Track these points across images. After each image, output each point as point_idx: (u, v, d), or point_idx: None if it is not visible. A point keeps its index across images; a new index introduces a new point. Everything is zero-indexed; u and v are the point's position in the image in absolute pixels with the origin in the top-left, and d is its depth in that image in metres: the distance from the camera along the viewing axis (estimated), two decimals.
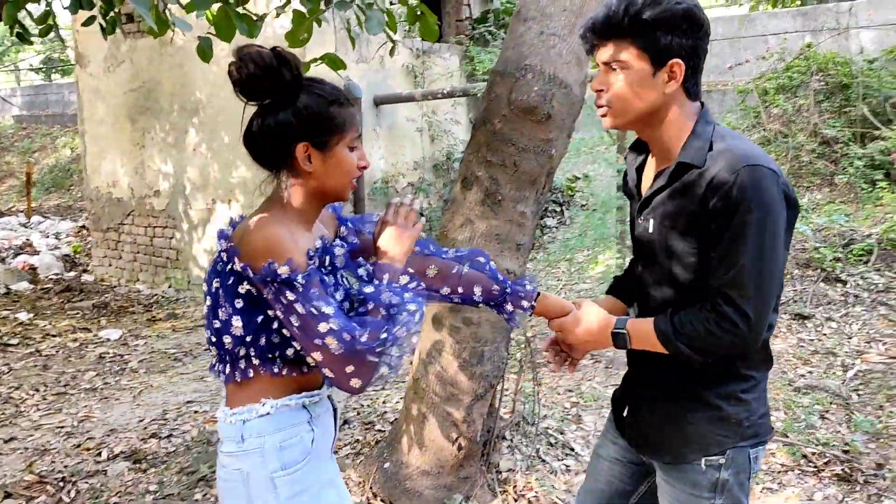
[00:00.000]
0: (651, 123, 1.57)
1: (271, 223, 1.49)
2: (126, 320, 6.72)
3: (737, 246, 1.43)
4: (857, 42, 7.84)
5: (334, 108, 1.54)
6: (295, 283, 1.41)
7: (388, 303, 1.49)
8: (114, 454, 3.79)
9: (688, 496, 1.62)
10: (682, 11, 1.47)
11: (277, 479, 1.53)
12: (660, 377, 1.66)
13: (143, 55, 7.52)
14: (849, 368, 4.49)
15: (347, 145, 1.57)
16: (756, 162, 1.44)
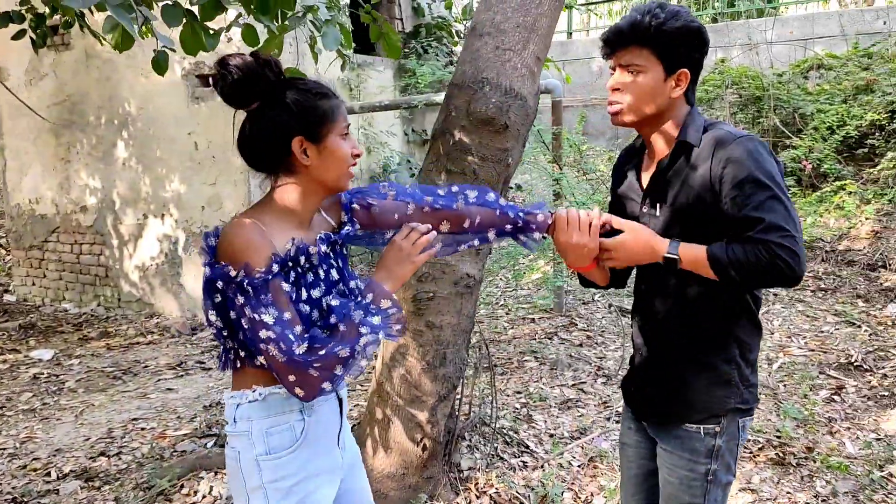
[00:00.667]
0: (655, 123, 1.78)
1: (243, 225, 1.53)
2: (56, 340, 6.50)
3: (760, 199, 1.57)
4: (767, 57, 8.33)
5: (322, 101, 1.60)
6: (245, 286, 1.47)
7: (354, 320, 1.53)
8: (63, 473, 3.71)
9: (686, 461, 1.80)
10: (697, 28, 1.71)
11: (262, 461, 1.61)
12: (664, 348, 1.84)
13: (67, 68, 7.32)
14: (773, 362, 4.79)
15: (339, 134, 1.62)
16: (751, 135, 1.66)
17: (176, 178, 6.81)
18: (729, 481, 1.84)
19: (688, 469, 1.81)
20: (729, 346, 1.76)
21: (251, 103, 1.59)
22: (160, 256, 7.05)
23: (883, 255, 5.88)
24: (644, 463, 2.00)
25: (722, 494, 1.84)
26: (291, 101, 1.57)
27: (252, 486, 1.62)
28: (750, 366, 1.80)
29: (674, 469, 1.83)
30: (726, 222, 1.64)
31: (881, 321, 5.22)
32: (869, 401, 4.18)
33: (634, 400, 1.97)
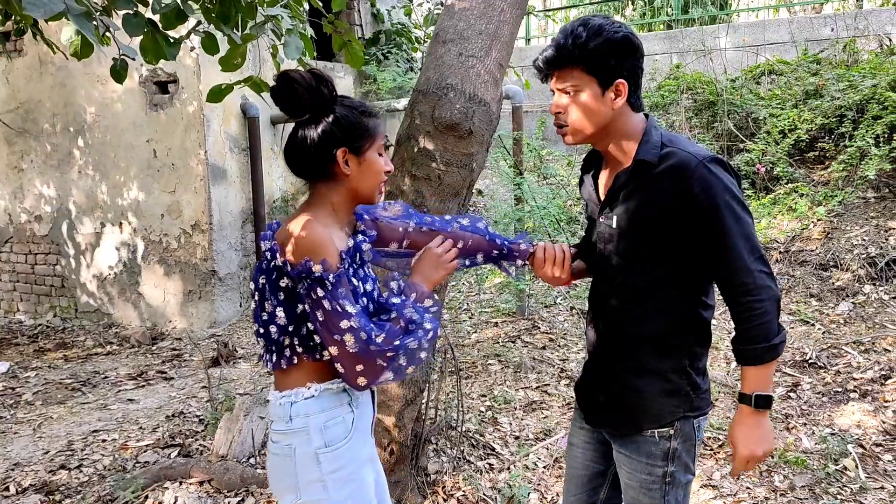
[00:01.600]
0: (605, 136, 1.81)
1: (313, 224, 1.66)
2: (11, 353, 6.36)
3: (723, 238, 1.67)
4: (720, 62, 8.52)
5: (366, 118, 1.76)
6: (326, 282, 1.59)
7: (408, 317, 1.69)
8: (22, 488, 3.63)
9: (644, 465, 1.84)
10: (621, 38, 1.72)
11: (321, 455, 1.71)
12: (617, 357, 1.87)
13: (20, 75, 7.18)
14: (731, 360, 4.90)
15: (377, 150, 1.79)
16: (705, 155, 1.70)
17: (134, 186, 6.72)
18: (688, 480, 1.87)
19: (646, 473, 1.84)
20: (681, 357, 1.80)
21: (304, 115, 1.73)
22: (118, 265, 6.94)
23: (834, 255, 6.05)
24: (590, 465, 2.03)
25: (683, 493, 1.87)
26: (340, 115, 1.72)
27: (309, 479, 1.71)
28: (700, 373, 1.84)
29: (633, 473, 1.87)
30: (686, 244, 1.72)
31: (833, 319, 5.37)
32: (823, 397, 4.30)
33: (587, 405, 2.00)
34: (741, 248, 1.66)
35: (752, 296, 1.66)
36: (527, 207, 5.74)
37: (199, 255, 6.52)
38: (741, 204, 1.69)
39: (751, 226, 1.69)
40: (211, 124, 6.38)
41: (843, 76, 7.34)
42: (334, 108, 1.73)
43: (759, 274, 1.66)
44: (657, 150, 1.74)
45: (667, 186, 1.70)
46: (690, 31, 9.42)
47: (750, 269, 1.66)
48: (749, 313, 1.67)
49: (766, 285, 1.66)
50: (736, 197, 1.68)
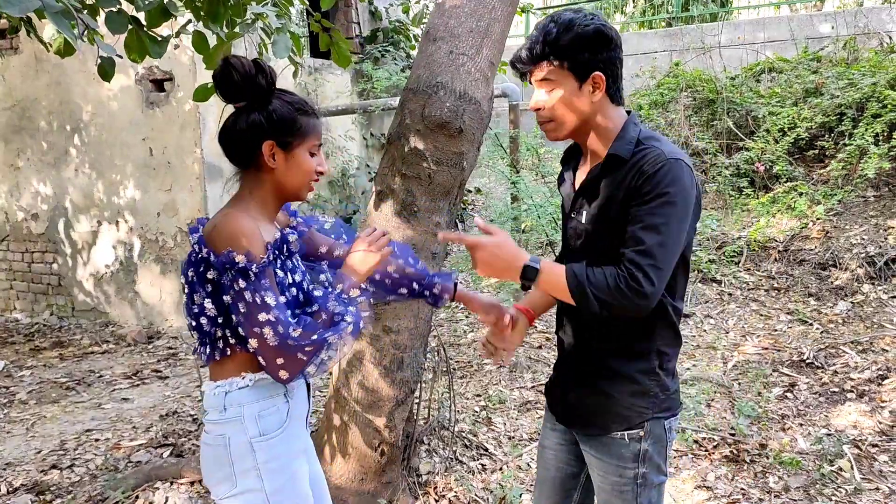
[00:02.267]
0: (586, 130, 1.80)
1: (237, 216, 1.66)
2: (6, 351, 6.34)
3: (652, 223, 1.62)
4: (720, 60, 8.48)
5: (300, 116, 1.76)
6: (249, 272, 1.58)
7: (331, 310, 1.66)
8: (13, 487, 3.61)
9: (615, 467, 1.83)
10: (593, 31, 1.70)
11: (256, 444, 1.72)
12: (586, 359, 1.86)
13: (16, 73, 7.15)
14: (728, 360, 4.88)
15: (308, 149, 1.78)
16: (676, 157, 1.66)
17: (131, 185, 6.69)
18: (661, 481, 1.86)
19: (617, 475, 1.83)
20: (649, 358, 1.78)
21: (240, 101, 1.74)
22: (115, 264, 6.92)
23: (833, 254, 6.02)
24: (563, 467, 2.02)
25: (657, 494, 1.87)
26: (273, 108, 1.73)
27: (243, 468, 1.72)
28: (670, 374, 1.83)
29: (605, 476, 1.86)
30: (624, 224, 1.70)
31: (832, 319, 5.34)
32: (820, 397, 4.28)
33: (557, 405, 1.98)
34: (652, 243, 1.61)
35: (622, 270, 1.61)
36: (524, 206, 5.71)
37: None
38: (684, 212, 1.64)
39: (672, 239, 1.63)
40: (207, 123, 6.35)
41: (843, 74, 7.31)
42: (270, 100, 1.73)
43: (642, 276, 1.59)
44: (631, 147, 1.72)
45: (630, 179, 1.68)
46: (690, 29, 9.39)
47: (641, 264, 1.59)
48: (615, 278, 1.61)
49: (637, 288, 1.59)
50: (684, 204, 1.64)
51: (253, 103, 1.74)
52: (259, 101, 1.73)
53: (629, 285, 1.59)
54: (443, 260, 3.13)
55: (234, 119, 1.75)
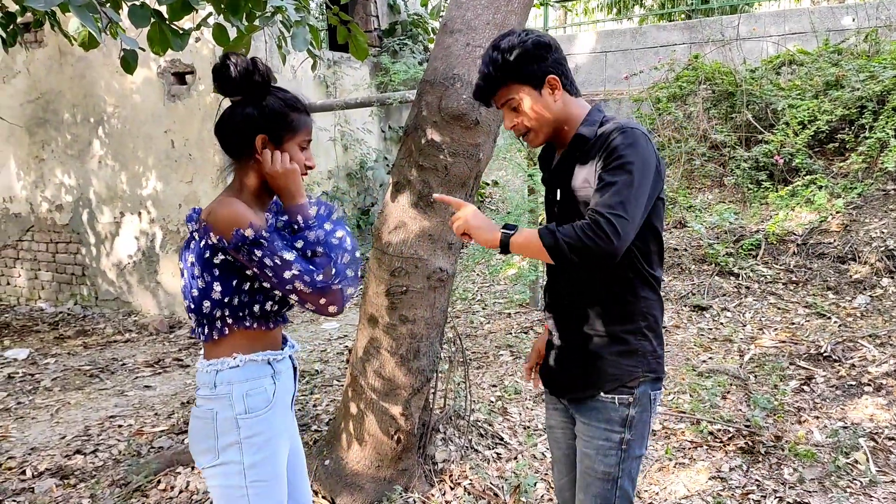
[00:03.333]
0: (559, 127, 1.94)
1: (231, 200, 1.78)
2: (32, 339, 6.46)
3: (613, 179, 1.72)
4: (739, 53, 8.42)
5: (292, 112, 1.87)
6: (260, 241, 1.70)
7: (317, 241, 1.79)
8: (38, 472, 3.70)
9: (602, 430, 1.93)
10: (532, 44, 1.86)
11: (241, 420, 1.83)
12: (576, 324, 1.96)
13: (40, 66, 7.27)
14: (744, 353, 4.87)
15: (298, 144, 1.89)
16: (634, 126, 1.80)
17: (153, 176, 6.79)
18: (641, 454, 1.96)
19: (603, 438, 1.92)
20: (636, 319, 1.90)
21: (236, 95, 1.84)
22: (137, 254, 7.02)
23: (852, 247, 5.98)
24: (572, 444, 2.11)
25: (636, 467, 1.96)
26: (267, 103, 1.83)
27: (226, 442, 1.82)
28: (657, 338, 1.94)
29: (590, 440, 1.95)
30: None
31: (850, 312, 5.32)
32: (837, 390, 4.27)
33: (552, 378, 2.08)
34: (614, 197, 1.69)
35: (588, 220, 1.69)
36: (540, 198, 5.73)
37: None
38: (643, 174, 1.73)
39: (633, 193, 1.70)
40: None
41: (864, 67, 7.23)
42: (265, 96, 1.83)
43: (605, 222, 1.66)
44: (594, 128, 1.88)
45: (596, 154, 1.82)
46: (710, 21, 9.33)
47: (603, 212, 1.67)
48: (573, 226, 1.70)
49: (601, 233, 1.66)
50: (644, 164, 1.73)
51: (248, 98, 1.83)
52: (254, 96, 1.83)
53: (595, 231, 1.67)
54: (459, 250, 3.17)
55: (230, 112, 1.85)
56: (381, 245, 3.03)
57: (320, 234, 1.79)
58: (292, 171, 1.84)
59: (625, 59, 9.84)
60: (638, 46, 9.71)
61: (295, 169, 1.84)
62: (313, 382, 4.72)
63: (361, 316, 3.16)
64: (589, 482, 1.97)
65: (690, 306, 5.72)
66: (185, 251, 1.84)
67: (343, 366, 5.10)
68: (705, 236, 6.50)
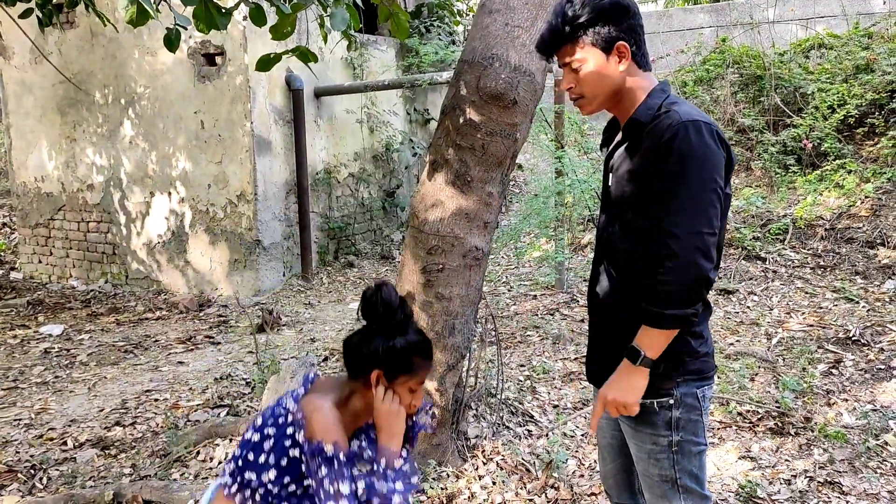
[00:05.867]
0: (617, 99, 1.84)
1: (334, 413, 1.80)
2: (65, 316, 6.60)
3: (670, 196, 1.66)
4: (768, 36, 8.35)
5: (416, 357, 1.85)
6: (333, 461, 1.72)
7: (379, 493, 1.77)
8: (79, 442, 3.81)
9: (648, 435, 1.86)
10: (609, 3, 1.75)
11: None
12: (614, 324, 1.89)
13: (72, 46, 7.36)
14: (772, 336, 4.88)
15: (410, 387, 1.86)
16: (691, 118, 1.68)
17: (182, 156, 6.87)
18: (700, 450, 1.87)
19: (651, 443, 1.85)
20: None
21: (373, 322, 1.83)
22: (167, 233, 7.13)
23: (881, 232, 5.95)
24: (616, 434, 2.04)
25: (698, 463, 1.88)
26: (395, 342, 1.81)
27: None
28: (697, 337, 1.81)
29: (640, 445, 1.88)
30: (652, 205, 1.72)
31: (878, 297, 5.30)
32: (866, 374, 4.28)
33: (591, 370, 2.03)
34: (684, 214, 1.64)
35: (671, 262, 1.64)
36: (567, 181, 5.75)
37: (244, 225, 6.66)
38: (708, 174, 1.66)
39: (708, 202, 1.65)
40: (257, 96, 6.48)
41: (894, 50, 7.15)
42: (397, 333, 1.81)
43: (690, 246, 1.62)
44: (653, 111, 1.75)
45: (648, 143, 1.72)
46: (738, 4, 9.25)
47: (681, 237, 1.63)
48: (661, 276, 1.65)
49: (691, 259, 1.62)
50: (704, 165, 1.65)
51: (382, 329, 1.82)
52: (389, 331, 1.81)
53: (664, 263, 1.64)
54: (495, 230, 3.21)
55: (361, 336, 1.85)
56: (418, 223, 3.07)
57: (385, 488, 1.77)
58: (397, 413, 1.83)
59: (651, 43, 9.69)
60: (664, 30, 9.65)
61: (400, 412, 1.83)
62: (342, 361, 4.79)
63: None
64: (650, 484, 1.91)
65: (717, 290, 5.72)
66: (271, 419, 1.86)
67: None
68: (732, 220, 6.49)
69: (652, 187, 1.71)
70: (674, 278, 1.64)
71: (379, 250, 8.03)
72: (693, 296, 1.66)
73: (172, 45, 3.17)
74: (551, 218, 5.64)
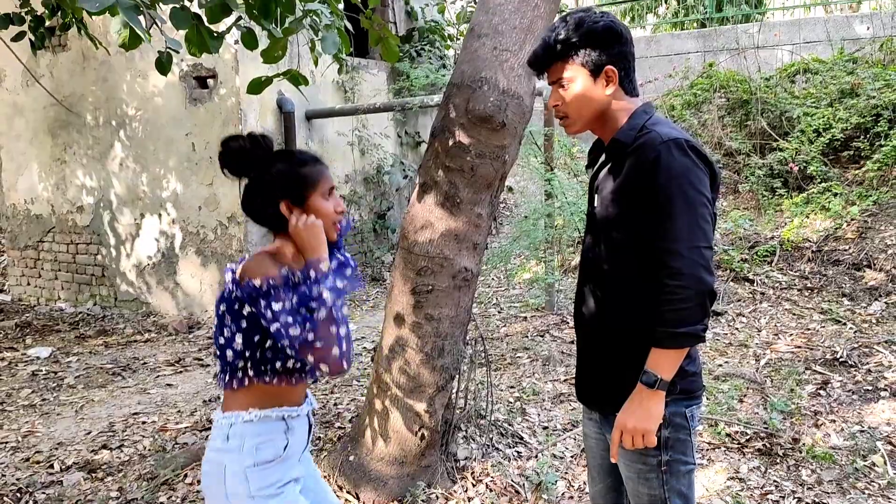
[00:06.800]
0: (603, 123, 1.88)
1: (263, 257, 1.79)
2: (53, 338, 6.55)
3: (665, 219, 1.67)
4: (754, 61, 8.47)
5: (304, 168, 1.86)
6: (269, 292, 1.70)
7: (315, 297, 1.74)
8: (66, 466, 3.77)
9: (638, 455, 1.85)
10: (602, 28, 1.80)
11: (250, 472, 1.83)
12: (601, 339, 1.91)
13: (63, 69, 7.38)
14: (760, 358, 4.91)
15: (321, 195, 1.87)
16: (672, 137, 1.70)
17: (173, 178, 6.88)
18: (689, 469, 1.87)
19: (641, 462, 1.85)
20: None
21: (248, 174, 1.87)
22: (157, 255, 7.11)
23: (868, 254, 6.01)
24: (605, 454, 2.03)
25: (687, 482, 1.87)
26: (277, 171, 1.85)
27: (236, 492, 1.83)
28: (686, 357, 1.78)
29: (629, 465, 1.88)
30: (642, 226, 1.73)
31: (865, 319, 5.34)
32: (853, 395, 4.30)
33: (579, 387, 2.03)
34: (680, 232, 1.66)
35: (675, 280, 1.65)
36: (557, 203, 5.79)
37: (234, 247, 6.66)
38: (696, 190, 1.68)
39: (701, 217, 1.67)
40: (248, 119, 6.51)
41: (879, 75, 7.27)
42: (274, 164, 1.85)
43: (691, 262, 1.64)
44: (634, 132, 1.78)
45: (631, 164, 1.75)
46: (724, 30, 9.38)
47: (682, 254, 1.65)
48: (667, 296, 1.66)
49: (694, 275, 1.64)
50: (690, 182, 1.67)
51: (259, 172, 1.85)
52: (263, 168, 1.84)
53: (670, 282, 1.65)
54: (484, 251, 3.23)
55: (248, 192, 1.87)
56: (408, 244, 3.09)
57: (316, 290, 1.74)
58: (312, 225, 1.81)
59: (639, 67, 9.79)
60: (652, 54, 9.76)
61: (315, 224, 1.82)
62: (333, 382, 4.79)
63: (387, 314, 3.22)
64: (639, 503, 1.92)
65: None
66: (220, 300, 1.85)
67: (361, 366, 5.15)
68: (720, 242, 6.54)
69: (641, 208, 1.72)
70: (680, 296, 1.65)
71: (370, 272, 8.04)
72: (701, 310, 1.67)
73: (164, 68, 3.19)
74: (541, 240, 5.67)
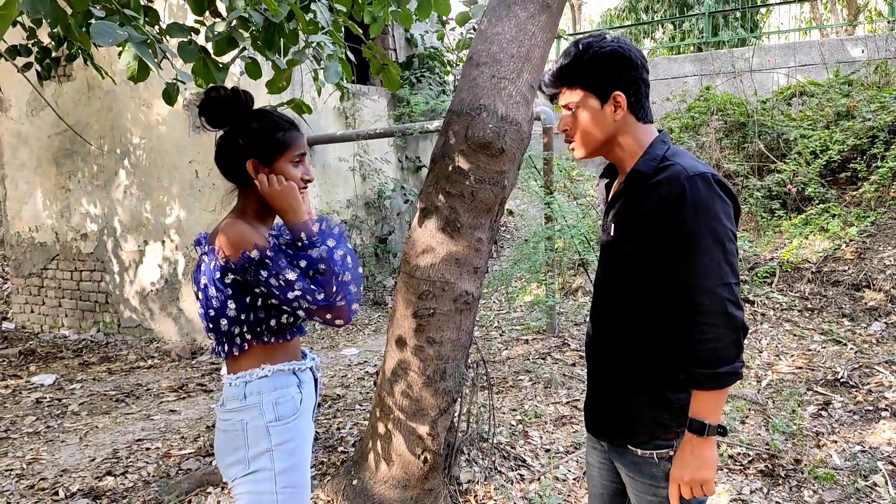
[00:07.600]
0: (612, 148, 1.87)
1: (236, 222, 1.84)
2: (57, 366, 6.58)
3: (692, 256, 1.65)
4: (751, 84, 8.56)
5: (277, 132, 1.91)
6: (265, 261, 1.77)
7: (320, 258, 1.84)
8: (71, 493, 3.78)
9: (648, 487, 1.84)
10: (609, 53, 1.78)
11: (272, 427, 1.89)
12: (611, 368, 1.89)
13: (68, 99, 7.48)
14: (762, 379, 4.92)
15: (290, 161, 1.92)
16: (697, 172, 1.68)
17: (176, 205, 6.95)
18: (702, 501, 1.81)
19: (651, 494, 1.83)
20: (672, 368, 1.74)
21: (224, 127, 1.92)
22: (160, 282, 7.16)
23: (867, 275, 6.04)
24: (608, 485, 2.03)
25: None
26: (250, 129, 1.89)
27: (258, 451, 1.88)
28: None
29: (639, 496, 1.86)
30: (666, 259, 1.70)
31: (866, 339, 5.37)
32: (854, 415, 4.31)
33: (589, 417, 2.00)
34: (708, 269, 1.63)
35: (706, 318, 1.63)
36: (557, 226, 5.84)
37: None
38: (723, 226, 1.65)
39: (729, 253, 1.64)
40: None
41: (874, 97, 7.35)
42: (251, 121, 1.89)
43: (721, 299, 1.62)
44: (655, 163, 1.76)
45: (654, 197, 1.71)
46: (720, 54, 9.49)
47: (711, 290, 1.62)
48: (700, 335, 1.64)
49: (725, 312, 1.62)
50: (719, 218, 1.65)
51: (234, 127, 1.90)
52: (239, 123, 1.89)
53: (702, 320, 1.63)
54: (484, 275, 3.27)
55: (221, 141, 1.92)
56: (409, 269, 3.13)
57: (323, 251, 1.83)
58: (287, 188, 1.87)
59: None
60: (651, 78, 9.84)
61: (290, 186, 1.87)
62: (336, 406, 4.80)
63: (389, 338, 3.26)
64: None
65: None
66: (198, 274, 1.89)
67: (364, 390, 5.18)
68: None
69: (665, 242, 1.69)
70: (716, 335, 1.62)
71: (371, 296, 8.07)
72: (736, 348, 1.65)
73: (171, 98, 3.26)
74: (542, 263, 5.72)
